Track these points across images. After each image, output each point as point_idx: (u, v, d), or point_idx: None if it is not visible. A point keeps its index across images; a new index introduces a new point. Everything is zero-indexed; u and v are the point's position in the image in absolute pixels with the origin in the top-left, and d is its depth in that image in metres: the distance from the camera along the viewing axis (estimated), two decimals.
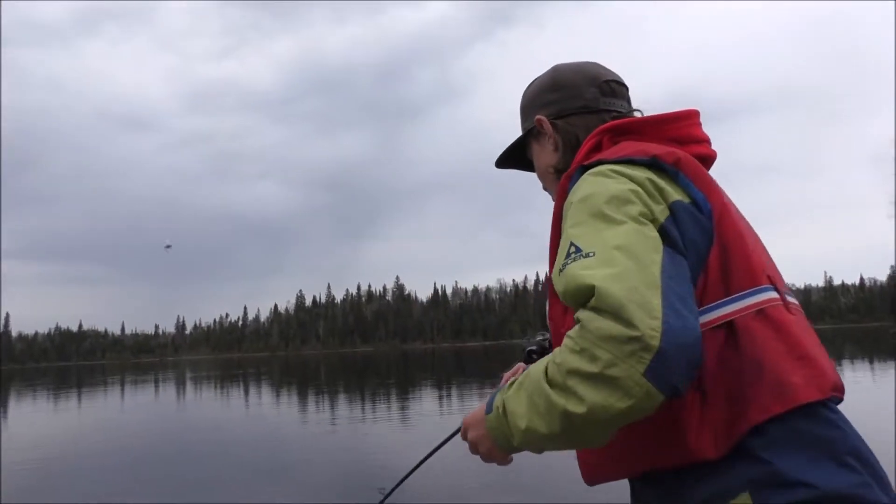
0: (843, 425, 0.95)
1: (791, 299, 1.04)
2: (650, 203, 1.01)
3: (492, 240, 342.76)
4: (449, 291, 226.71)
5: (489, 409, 1.03)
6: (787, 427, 0.91)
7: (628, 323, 0.83)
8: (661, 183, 1.04)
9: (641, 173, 1.05)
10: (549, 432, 0.89)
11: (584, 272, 0.91)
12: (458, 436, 1.21)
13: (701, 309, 0.96)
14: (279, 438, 12.91)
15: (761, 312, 0.98)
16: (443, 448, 1.41)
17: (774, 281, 1.03)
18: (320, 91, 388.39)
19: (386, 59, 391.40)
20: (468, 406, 16.85)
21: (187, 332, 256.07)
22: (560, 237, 1.05)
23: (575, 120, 1.29)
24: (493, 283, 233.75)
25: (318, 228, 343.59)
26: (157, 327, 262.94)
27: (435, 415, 15.76)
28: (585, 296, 0.89)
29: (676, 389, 0.84)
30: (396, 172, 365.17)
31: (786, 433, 0.91)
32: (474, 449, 1.10)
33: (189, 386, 37.11)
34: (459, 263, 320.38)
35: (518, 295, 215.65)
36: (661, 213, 1.00)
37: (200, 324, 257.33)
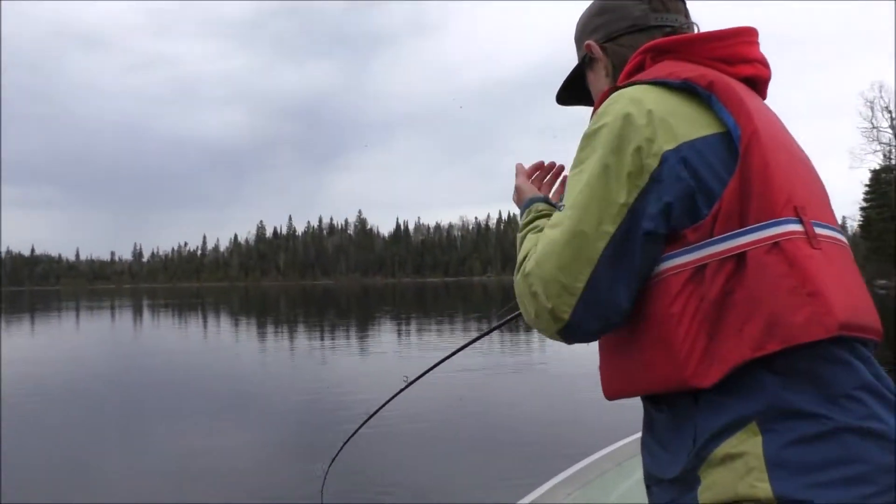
0: (855, 361, 0.93)
1: (824, 231, 0.98)
2: (656, 138, 0.98)
3: (456, 178, 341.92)
4: (411, 227, 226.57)
5: (522, 211, 1.27)
6: (793, 362, 0.90)
7: (548, 296, 0.99)
8: (681, 116, 1.00)
9: (667, 100, 1.02)
10: None
11: (547, 231, 1.03)
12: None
13: (712, 239, 0.95)
14: (239, 370, 12.97)
15: (776, 246, 0.92)
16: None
17: (803, 213, 0.95)
18: (289, 16, 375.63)
19: None
20: (426, 341, 17.07)
21: (144, 260, 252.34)
22: None
23: (625, 40, 1.23)
24: (455, 221, 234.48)
25: (281, 158, 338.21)
26: (113, 254, 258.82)
27: (393, 347, 15.96)
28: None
29: (587, 341, 1.05)
30: (364, 105, 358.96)
31: (793, 368, 0.90)
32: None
33: (146, 314, 36.80)
34: (423, 200, 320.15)
35: (480, 233, 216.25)
36: (656, 157, 0.97)
37: (158, 252, 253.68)
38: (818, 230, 0.96)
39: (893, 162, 51.22)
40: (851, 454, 0.86)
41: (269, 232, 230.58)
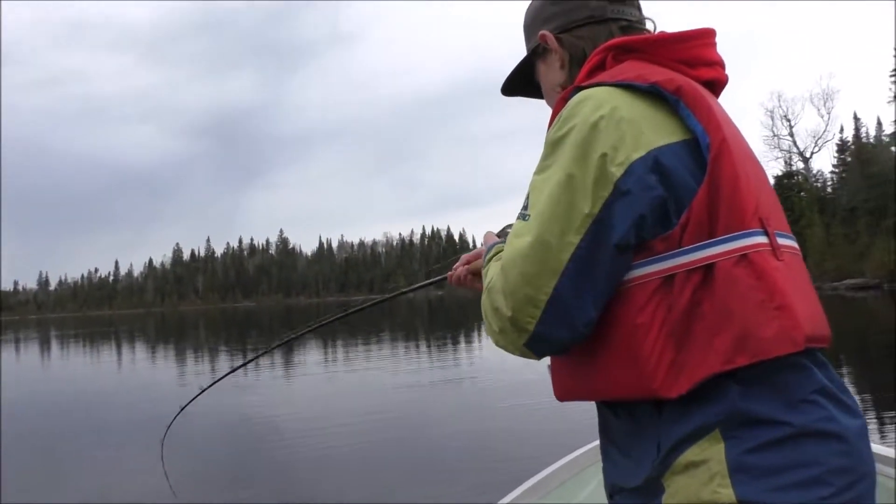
0: (812, 367, 0.95)
1: (784, 241, 0.99)
2: (623, 146, 0.95)
3: (379, 192, 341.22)
4: (335, 245, 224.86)
5: (485, 256, 1.23)
6: (755, 371, 0.91)
7: (512, 308, 0.97)
8: (649, 122, 0.98)
9: (634, 105, 0.99)
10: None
11: (510, 242, 1.01)
12: None
13: (680, 249, 0.94)
14: (154, 396, 12.34)
15: (744, 258, 0.93)
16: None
17: (767, 224, 0.96)
18: (203, 30, 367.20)
19: None
20: (353, 356, 16.79)
21: (51, 288, 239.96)
22: None
23: (582, 32, 1.20)
24: (379, 237, 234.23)
25: (198, 177, 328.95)
26: (16, 284, 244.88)
27: (320, 366, 15.60)
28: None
29: (556, 353, 1.05)
30: (282, 119, 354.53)
31: (755, 378, 0.91)
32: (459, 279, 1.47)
33: (54, 344, 34.82)
34: (346, 216, 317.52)
35: (404, 248, 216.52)
36: (622, 166, 0.94)
37: (66, 279, 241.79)
38: (780, 240, 0.97)
39: (794, 168, 54.12)
40: (808, 458, 0.88)
41: (186, 254, 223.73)
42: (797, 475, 0.88)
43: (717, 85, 1.13)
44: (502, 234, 1.32)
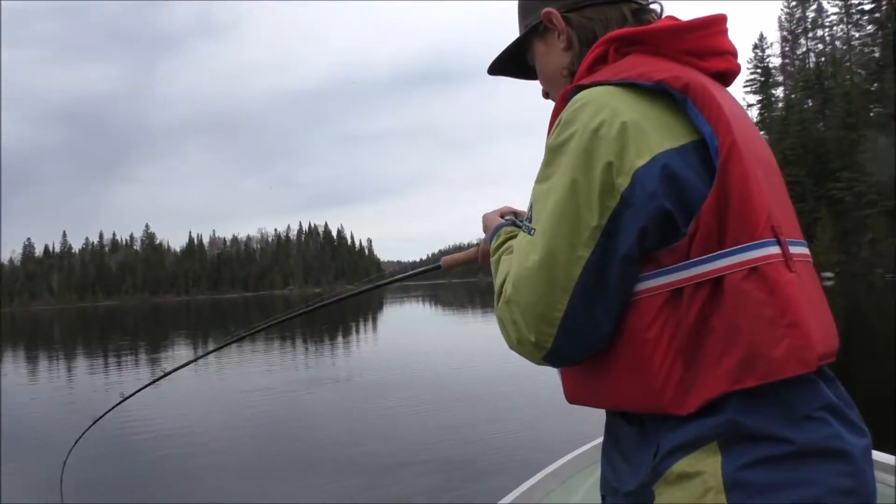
0: (819, 382, 0.91)
1: (797, 250, 0.93)
2: (627, 153, 0.91)
3: (254, 188, 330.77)
4: (206, 240, 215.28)
5: (491, 238, 1.22)
6: (760, 386, 0.87)
7: (527, 328, 0.95)
8: (654, 124, 0.93)
9: (638, 106, 0.94)
10: None
11: (518, 258, 0.98)
12: None
13: (688, 261, 0.90)
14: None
15: (755, 271, 0.87)
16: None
17: (780, 232, 0.90)
18: (60, 12, 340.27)
19: None
20: (226, 361, 16.24)
21: None
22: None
23: (591, 12, 1.12)
24: (254, 233, 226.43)
25: (53, 169, 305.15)
26: None
27: (189, 370, 14.95)
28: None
29: (573, 365, 1.01)
30: (149, 111, 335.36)
31: (759, 391, 0.87)
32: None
33: None
34: (218, 211, 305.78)
35: (280, 245, 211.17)
36: (627, 175, 0.90)
37: None
38: (792, 249, 0.92)
39: None
40: (808, 477, 0.84)
41: (38, 251, 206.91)
42: (796, 494, 0.84)
43: (728, 75, 1.07)
44: (508, 214, 1.30)
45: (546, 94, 1.25)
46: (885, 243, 38.93)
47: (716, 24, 1.05)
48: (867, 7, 50.69)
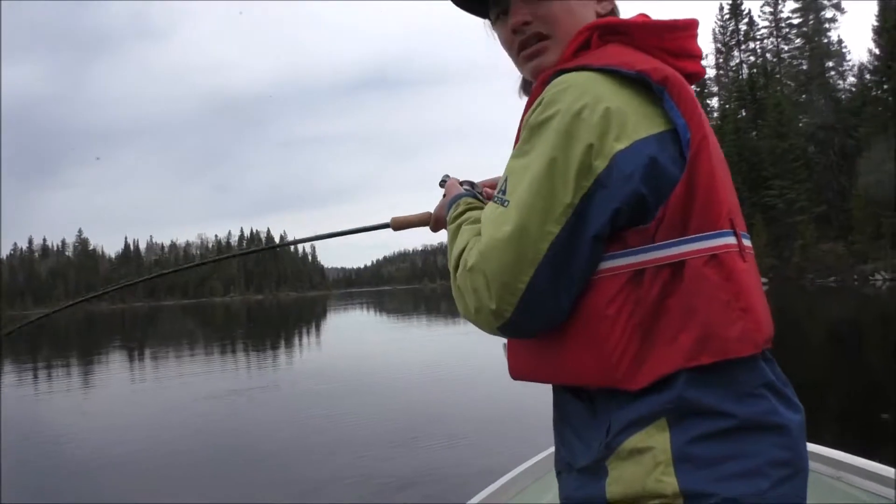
0: (761, 362, 0.97)
1: (747, 243, 1.00)
2: (607, 137, 0.93)
3: (193, 192, 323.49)
4: (143, 246, 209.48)
5: (448, 212, 1.22)
6: (707, 365, 0.92)
7: (489, 296, 0.96)
8: (633, 111, 0.96)
9: (619, 93, 0.96)
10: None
11: (489, 228, 0.98)
12: None
13: (653, 244, 0.94)
14: None
15: (715, 258, 0.94)
16: None
17: (735, 224, 0.98)
18: None
19: None
20: (162, 370, 15.73)
21: None
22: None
23: None
24: (193, 239, 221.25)
25: None
26: None
27: (126, 382, 14.44)
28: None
29: (526, 338, 1.03)
30: (81, 113, 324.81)
31: (706, 370, 0.92)
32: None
33: None
34: (155, 217, 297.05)
35: (221, 250, 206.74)
36: (605, 158, 0.93)
37: None
38: (744, 241, 0.99)
39: None
40: (749, 449, 0.91)
41: None
42: (738, 466, 0.89)
43: (694, 78, 1.11)
44: (465, 183, 1.31)
45: (523, 23, 1.13)
46: (815, 249, 40.57)
47: (692, 27, 1.10)
48: (795, 21, 52.89)
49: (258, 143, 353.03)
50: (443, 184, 1.38)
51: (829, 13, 51.04)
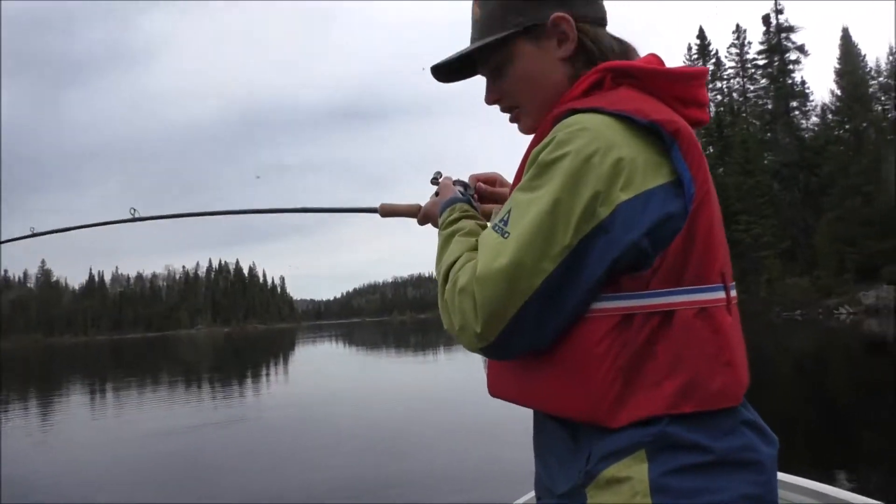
0: (739, 406, 1.00)
1: (734, 293, 1.04)
2: (614, 186, 0.95)
3: (160, 223, 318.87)
4: (108, 278, 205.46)
5: (442, 214, 1.24)
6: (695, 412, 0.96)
7: (475, 320, 0.98)
8: (642, 161, 0.97)
9: (632, 143, 0.97)
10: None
11: (486, 256, 1.00)
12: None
13: (647, 291, 0.96)
14: None
15: (704, 311, 0.97)
16: None
17: (726, 279, 1.02)
18: None
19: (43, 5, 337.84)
20: (126, 405, 15.25)
21: None
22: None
23: (597, 31, 1.14)
24: (160, 270, 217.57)
25: None
26: None
27: (87, 419, 13.95)
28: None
29: (509, 359, 1.07)
30: (47, 140, 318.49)
31: (692, 415, 0.96)
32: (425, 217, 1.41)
33: None
34: (121, 248, 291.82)
35: (189, 282, 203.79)
36: (609, 206, 0.95)
37: None
38: (731, 293, 1.02)
39: None
40: (722, 484, 0.94)
41: None
42: (712, 498, 0.92)
43: (699, 124, 1.12)
44: (458, 182, 1.33)
45: (494, 100, 1.23)
46: (781, 283, 41.22)
47: (702, 76, 1.11)
48: (761, 62, 54.43)
49: (233, 171, 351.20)
50: (435, 181, 1.37)
51: (793, 55, 52.53)
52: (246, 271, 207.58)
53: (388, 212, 1.50)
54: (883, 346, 20.44)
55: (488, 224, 1.13)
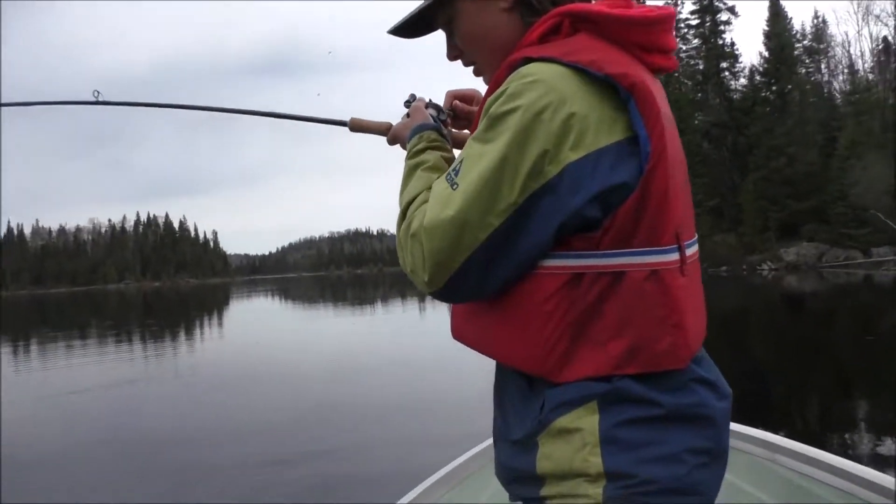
0: (691, 364, 1.01)
1: (691, 250, 1.04)
2: (563, 145, 0.94)
3: (83, 173, 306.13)
4: (27, 231, 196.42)
5: (409, 140, 1.21)
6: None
7: (423, 268, 0.99)
8: (595, 117, 0.95)
9: (586, 98, 0.96)
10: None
11: (434, 207, 0.99)
12: None
13: (597, 252, 0.97)
14: None
15: (655, 273, 0.97)
16: None
17: (682, 238, 1.01)
18: None
19: None
20: (51, 364, 14.77)
21: None
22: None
23: None
24: (84, 223, 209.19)
25: None
26: None
27: (9, 375, 13.44)
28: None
29: (456, 303, 1.12)
30: None
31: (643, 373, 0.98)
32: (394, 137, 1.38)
33: None
34: (42, 198, 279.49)
35: (115, 236, 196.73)
36: (557, 165, 0.94)
37: None
38: (687, 251, 1.02)
39: None
40: (672, 437, 0.96)
41: None
42: (658, 450, 0.95)
43: (663, 71, 1.11)
44: (430, 106, 1.30)
45: (455, 57, 1.21)
46: (710, 240, 42.62)
47: (668, 21, 1.07)
48: (693, 23, 55.17)
49: (156, 124, 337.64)
50: (408, 104, 1.34)
51: (724, 16, 53.32)
52: (176, 225, 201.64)
53: (357, 127, 1.49)
54: (801, 301, 21.52)
55: (455, 154, 1.16)
